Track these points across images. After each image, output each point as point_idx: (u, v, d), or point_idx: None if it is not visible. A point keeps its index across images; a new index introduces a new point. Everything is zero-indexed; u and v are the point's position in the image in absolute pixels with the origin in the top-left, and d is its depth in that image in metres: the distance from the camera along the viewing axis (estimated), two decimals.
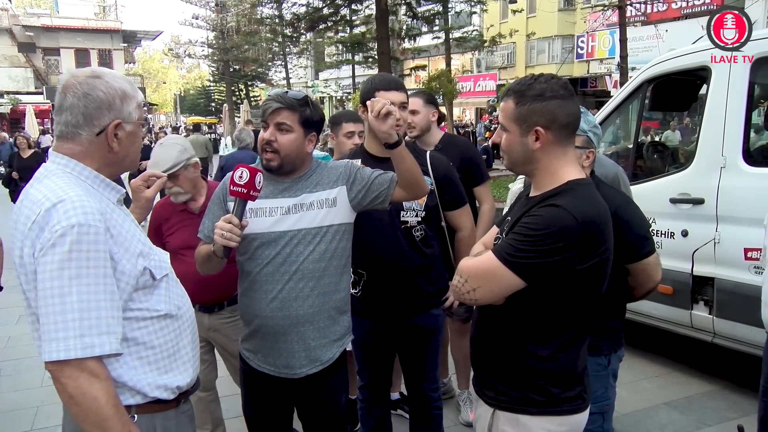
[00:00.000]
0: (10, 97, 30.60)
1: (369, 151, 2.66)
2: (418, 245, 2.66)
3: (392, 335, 2.74)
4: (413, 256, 2.64)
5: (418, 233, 2.66)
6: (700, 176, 3.93)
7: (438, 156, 2.86)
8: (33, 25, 35.56)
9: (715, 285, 3.82)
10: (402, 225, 2.63)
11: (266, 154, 2.11)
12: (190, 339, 1.71)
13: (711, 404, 3.87)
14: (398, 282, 2.63)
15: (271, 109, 2.08)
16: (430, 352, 2.81)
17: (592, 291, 1.67)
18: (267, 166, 2.12)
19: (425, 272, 2.69)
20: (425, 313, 2.72)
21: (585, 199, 1.63)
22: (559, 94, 1.65)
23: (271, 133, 2.08)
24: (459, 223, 2.88)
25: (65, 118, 1.52)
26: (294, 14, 23.96)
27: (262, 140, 2.11)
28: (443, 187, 2.75)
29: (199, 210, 2.82)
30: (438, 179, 2.72)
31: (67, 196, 1.42)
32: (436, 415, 2.90)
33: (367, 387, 2.89)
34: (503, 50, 29.66)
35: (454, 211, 2.84)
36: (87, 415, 1.40)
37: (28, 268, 1.43)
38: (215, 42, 37.92)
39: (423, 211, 2.66)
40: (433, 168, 2.72)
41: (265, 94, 5.65)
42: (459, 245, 2.90)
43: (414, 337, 2.75)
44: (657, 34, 18.24)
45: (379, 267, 2.62)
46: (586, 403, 1.75)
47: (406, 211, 2.63)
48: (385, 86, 2.58)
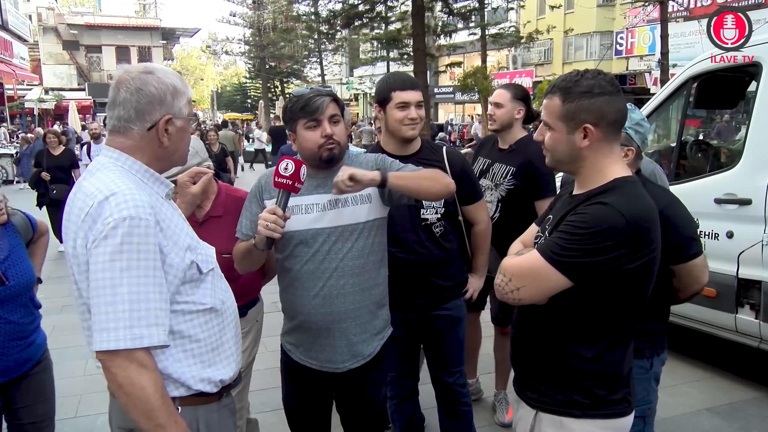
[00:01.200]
0: (54, 94, 31.48)
1: (386, 149, 2.69)
2: (438, 240, 2.71)
3: (415, 328, 2.79)
4: (434, 252, 2.70)
5: (437, 229, 2.72)
6: (748, 176, 3.82)
7: (454, 151, 2.87)
8: (77, 23, 36.54)
9: (762, 288, 3.70)
10: (422, 222, 2.69)
11: (329, 150, 2.08)
12: (233, 333, 1.73)
13: (756, 412, 3.76)
14: (420, 276, 2.69)
15: (326, 104, 2.07)
16: (453, 346, 2.85)
17: (640, 291, 1.63)
18: (330, 155, 2.09)
19: (445, 266, 2.75)
20: (446, 305, 2.78)
21: (633, 197, 1.59)
22: (607, 90, 1.61)
23: (330, 127, 2.08)
24: (475, 216, 2.89)
25: (118, 112, 1.54)
26: (330, 11, 24.11)
27: (323, 137, 2.06)
28: (460, 181, 2.73)
29: (203, 218, 2.55)
30: (455, 174, 2.70)
31: (119, 189, 1.45)
32: (465, 410, 2.94)
33: (395, 381, 2.90)
34: (540, 47, 29.30)
35: (471, 206, 2.86)
36: (135, 405, 1.42)
37: (80, 259, 1.46)
38: (252, 39, 38.35)
39: (442, 207, 2.72)
40: (450, 164, 2.74)
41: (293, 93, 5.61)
42: (476, 239, 2.93)
43: (436, 330, 2.80)
44: (700, 29, 17.76)
45: (401, 263, 2.64)
46: (631, 406, 1.71)
47: (426, 209, 2.68)
48: (400, 86, 2.61)
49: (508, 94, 3.30)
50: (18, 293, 2.43)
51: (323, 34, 29.66)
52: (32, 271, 2.53)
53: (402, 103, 2.60)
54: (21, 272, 2.45)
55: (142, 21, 40.36)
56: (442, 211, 2.72)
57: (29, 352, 2.49)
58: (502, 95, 3.30)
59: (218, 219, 2.54)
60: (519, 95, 3.32)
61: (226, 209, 2.56)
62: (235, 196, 2.62)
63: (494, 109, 3.31)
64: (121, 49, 37.25)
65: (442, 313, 2.77)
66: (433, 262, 2.69)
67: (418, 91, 2.64)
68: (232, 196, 2.63)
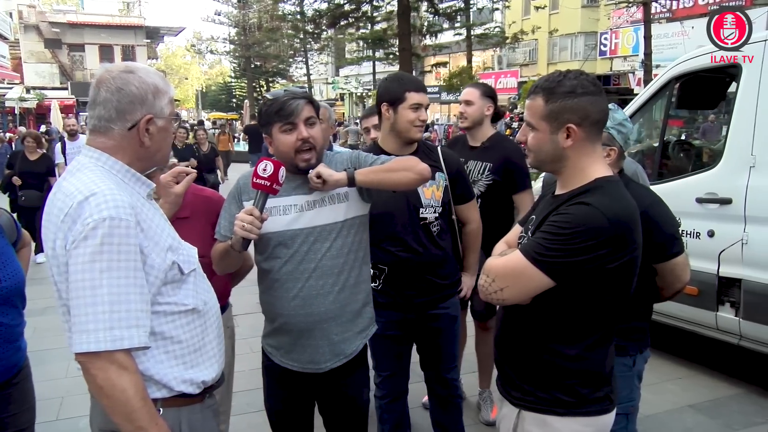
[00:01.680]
0: (36, 93, 31.11)
1: (383, 148, 2.72)
2: (436, 240, 2.74)
3: (412, 327, 2.80)
4: (432, 251, 2.72)
5: (435, 228, 2.73)
6: (728, 176, 3.86)
7: (449, 152, 2.91)
8: (59, 21, 36.13)
9: (742, 286, 3.75)
10: (421, 221, 2.70)
11: (305, 154, 2.06)
12: (216, 334, 1.72)
13: (738, 408, 3.81)
14: (419, 275, 2.70)
15: (301, 106, 2.05)
16: (450, 343, 2.88)
17: (622, 290, 1.65)
18: (308, 166, 2.07)
19: (442, 265, 2.77)
20: (443, 304, 2.80)
21: (615, 197, 1.61)
22: (590, 91, 1.62)
23: (306, 130, 2.06)
24: (468, 216, 2.93)
25: (98, 112, 1.53)
26: (315, 11, 24.10)
27: (299, 140, 2.04)
28: (455, 181, 2.81)
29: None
30: (451, 174, 2.78)
31: (99, 189, 1.43)
32: (458, 403, 2.99)
33: (387, 380, 2.90)
34: (525, 47, 29.43)
35: (464, 205, 2.90)
36: (116, 407, 1.41)
37: (60, 260, 1.45)
38: (237, 38, 38.21)
39: (440, 207, 2.74)
40: (446, 164, 2.78)
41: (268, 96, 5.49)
42: (467, 238, 2.97)
43: (434, 328, 2.81)
44: (683, 30, 17.98)
45: (400, 262, 2.67)
46: (613, 404, 1.73)
47: (425, 208, 2.70)
48: (415, 88, 2.67)
49: (477, 92, 3.38)
50: (9, 295, 2.36)
51: (309, 34, 29.59)
52: (22, 273, 2.44)
53: (416, 104, 2.64)
54: (11, 273, 2.37)
55: (126, 20, 40.02)
56: (440, 211, 2.74)
57: (17, 357, 2.42)
58: (471, 93, 3.38)
59: (185, 220, 2.36)
60: (488, 93, 3.42)
61: (193, 210, 2.46)
62: (202, 196, 2.56)
63: (465, 107, 3.39)
64: (105, 47, 36.91)
65: (440, 312, 2.79)
66: (432, 261, 2.72)
67: (426, 94, 2.71)
68: (199, 196, 2.54)
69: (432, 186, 2.70)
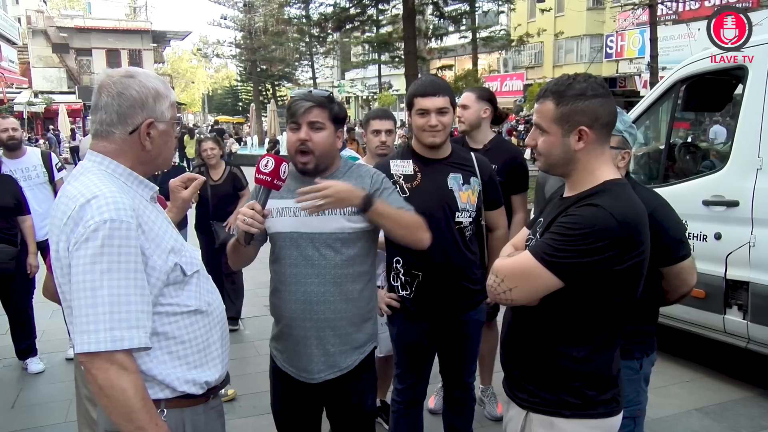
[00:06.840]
0: (44, 97, 31.32)
1: (416, 151, 2.70)
2: (468, 244, 2.71)
3: (442, 333, 2.75)
4: (465, 255, 2.69)
5: (468, 232, 2.71)
6: (735, 178, 3.84)
7: (482, 158, 2.88)
8: (67, 26, 36.38)
9: (750, 289, 3.73)
10: (456, 226, 2.66)
11: (301, 156, 2.09)
12: (219, 335, 1.72)
13: (745, 411, 3.78)
14: (453, 280, 2.66)
15: (304, 108, 2.06)
16: (474, 347, 2.88)
17: (629, 292, 1.64)
18: (303, 169, 2.10)
19: (473, 270, 2.74)
20: (475, 309, 2.77)
21: (623, 199, 1.61)
22: (599, 93, 1.62)
23: (306, 132, 2.07)
24: (497, 222, 2.92)
25: (100, 116, 1.55)
26: (321, 14, 24.15)
27: (297, 140, 2.07)
28: (488, 187, 2.79)
29: None
30: (484, 181, 2.75)
31: (101, 192, 1.45)
32: (473, 406, 2.99)
33: (409, 388, 2.85)
34: (530, 50, 29.44)
35: (494, 211, 2.89)
36: (115, 407, 1.42)
37: (63, 262, 1.46)
38: (243, 42, 38.25)
39: (474, 211, 2.72)
40: (480, 169, 2.76)
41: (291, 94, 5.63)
42: (495, 243, 2.93)
43: (463, 335, 2.78)
44: (689, 32, 17.90)
45: (436, 267, 2.62)
46: (620, 406, 1.72)
47: (461, 212, 2.66)
48: (421, 92, 2.60)
49: (473, 96, 3.40)
50: None
51: (314, 37, 29.70)
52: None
53: (421, 109, 2.58)
54: None
55: (133, 24, 40.26)
56: (474, 215, 2.71)
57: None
58: (467, 97, 3.40)
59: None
60: (484, 96, 3.42)
61: None
62: None
63: (462, 111, 3.39)
64: (112, 52, 37.12)
65: (471, 318, 2.76)
66: (466, 266, 2.69)
67: (440, 97, 2.57)
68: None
69: (468, 190, 2.67)
